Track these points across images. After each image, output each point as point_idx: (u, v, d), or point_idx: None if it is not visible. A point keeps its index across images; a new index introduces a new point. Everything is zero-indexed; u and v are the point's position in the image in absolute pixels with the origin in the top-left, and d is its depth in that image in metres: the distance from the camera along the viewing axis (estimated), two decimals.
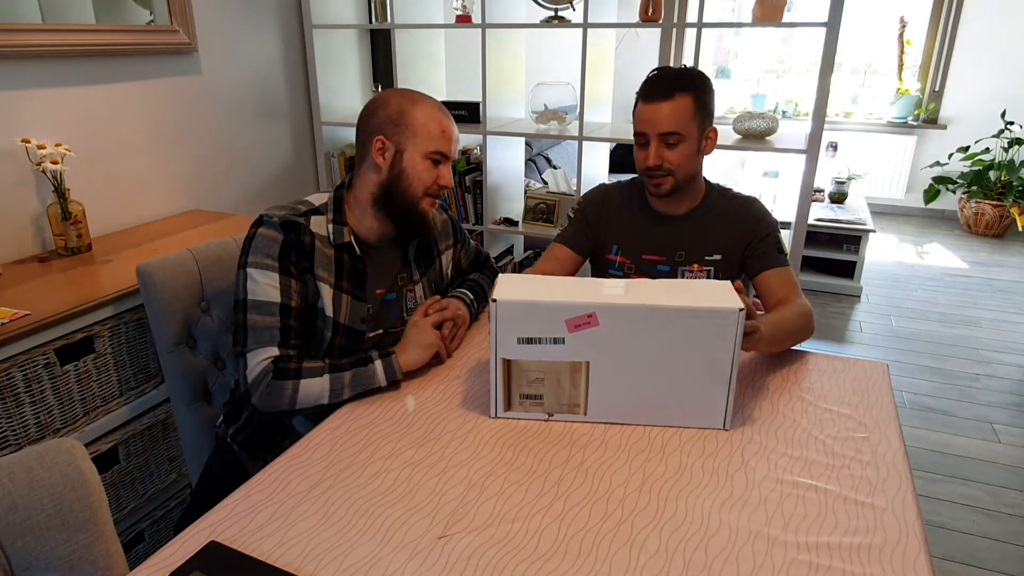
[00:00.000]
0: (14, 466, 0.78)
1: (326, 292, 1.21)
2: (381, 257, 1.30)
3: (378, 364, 1.17)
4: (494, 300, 1.03)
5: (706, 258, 1.47)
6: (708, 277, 1.48)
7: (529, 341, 1.05)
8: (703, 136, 1.39)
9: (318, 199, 1.26)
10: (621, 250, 1.51)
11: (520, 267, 3.07)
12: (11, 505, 0.76)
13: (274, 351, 1.14)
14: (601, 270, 1.56)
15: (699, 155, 1.41)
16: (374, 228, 1.27)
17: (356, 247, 1.24)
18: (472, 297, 1.42)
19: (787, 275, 1.41)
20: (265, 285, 1.15)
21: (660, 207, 1.49)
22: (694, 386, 1.05)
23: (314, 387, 1.13)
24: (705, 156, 1.43)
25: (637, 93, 1.39)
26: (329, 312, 1.22)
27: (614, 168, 3.97)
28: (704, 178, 1.48)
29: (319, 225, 1.22)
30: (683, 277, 1.49)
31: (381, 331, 1.31)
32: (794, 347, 1.33)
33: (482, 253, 1.58)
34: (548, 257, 1.54)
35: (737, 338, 1.01)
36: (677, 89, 1.33)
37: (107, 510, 0.84)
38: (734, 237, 1.46)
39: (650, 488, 0.93)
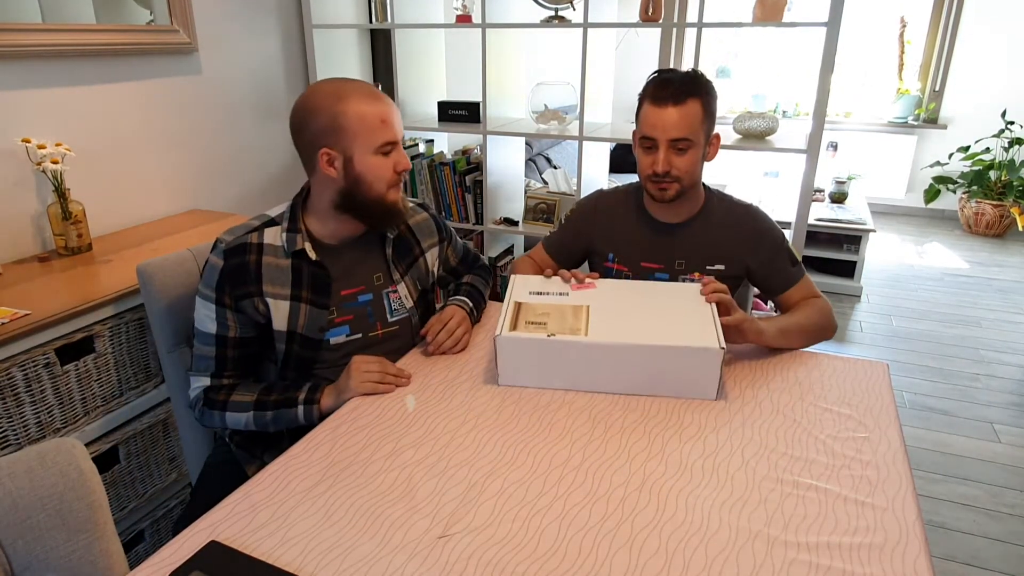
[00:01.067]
0: (14, 466, 0.78)
1: (278, 307, 1.20)
2: (348, 258, 1.27)
3: (300, 409, 1.19)
4: (513, 276, 1.34)
5: (708, 268, 1.45)
6: None
7: (539, 294, 1.31)
8: (708, 142, 1.38)
9: (277, 210, 1.25)
10: (618, 258, 1.49)
11: None
12: (11, 505, 0.76)
13: (206, 381, 1.22)
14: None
15: (704, 161, 1.39)
16: (339, 229, 1.24)
17: (313, 252, 1.21)
18: (471, 305, 1.41)
19: (806, 284, 1.45)
20: (204, 316, 1.20)
21: (659, 214, 1.46)
22: (686, 320, 1.22)
23: (240, 419, 1.21)
24: (707, 162, 1.41)
25: (641, 95, 1.36)
26: (282, 327, 1.21)
27: (614, 168, 3.97)
28: (704, 184, 1.46)
29: (274, 236, 1.21)
30: None
31: (360, 335, 1.28)
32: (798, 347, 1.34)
33: (471, 252, 1.55)
34: (525, 260, 1.60)
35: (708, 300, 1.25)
36: (687, 94, 1.30)
37: (107, 510, 0.84)
38: (738, 249, 1.43)
39: (650, 488, 0.93)
